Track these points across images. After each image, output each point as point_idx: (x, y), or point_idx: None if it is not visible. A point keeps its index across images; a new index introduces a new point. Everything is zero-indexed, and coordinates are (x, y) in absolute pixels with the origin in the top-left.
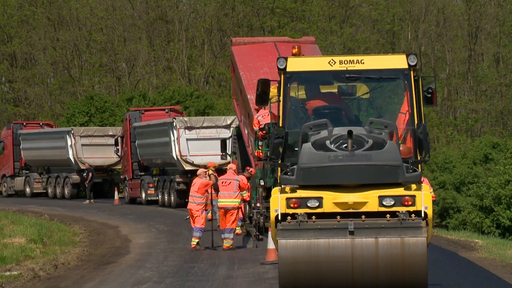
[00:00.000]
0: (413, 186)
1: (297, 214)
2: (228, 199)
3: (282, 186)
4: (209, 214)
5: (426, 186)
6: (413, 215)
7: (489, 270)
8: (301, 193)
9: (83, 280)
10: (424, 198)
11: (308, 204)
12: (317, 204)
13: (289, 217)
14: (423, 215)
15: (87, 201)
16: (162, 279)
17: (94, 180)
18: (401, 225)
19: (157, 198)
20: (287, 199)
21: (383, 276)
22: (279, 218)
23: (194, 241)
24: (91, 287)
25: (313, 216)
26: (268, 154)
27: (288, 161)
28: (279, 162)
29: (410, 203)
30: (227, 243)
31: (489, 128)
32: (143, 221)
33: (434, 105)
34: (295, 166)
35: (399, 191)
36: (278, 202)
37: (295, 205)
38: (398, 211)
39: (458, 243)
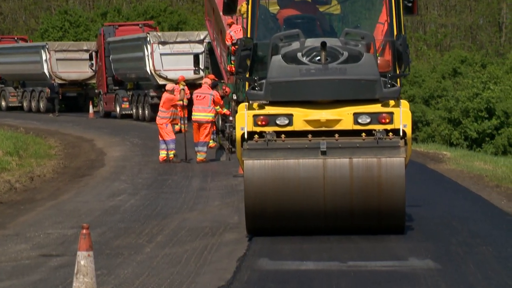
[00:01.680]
0: (391, 102)
1: (265, 132)
2: (202, 113)
3: (250, 102)
4: (182, 128)
5: (405, 102)
6: (390, 133)
7: (456, 181)
8: (270, 110)
9: (59, 192)
10: (403, 115)
11: (277, 122)
12: (286, 121)
13: (256, 135)
14: (401, 133)
15: (51, 114)
16: (136, 191)
17: (53, 95)
18: (377, 145)
19: (131, 112)
20: (254, 116)
21: (358, 199)
22: (246, 136)
23: (171, 154)
24: (66, 199)
25: (283, 135)
26: (235, 68)
27: (256, 75)
28: (247, 76)
29: (387, 120)
30: (200, 156)
31: (458, 43)
32: (118, 134)
33: (415, 15)
34: (263, 81)
35: (376, 107)
36: (244, 120)
37: (263, 123)
38: (375, 130)
39: (427, 155)
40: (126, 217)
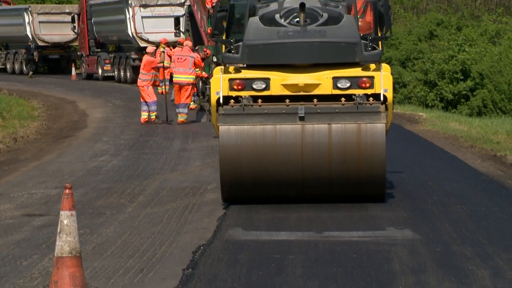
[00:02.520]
0: (372, 66)
1: (241, 97)
2: (183, 75)
3: (226, 65)
4: (164, 90)
5: (386, 65)
6: (371, 98)
7: (432, 142)
8: (246, 74)
9: (42, 152)
10: (383, 80)
11: (254, 86)
12: (263, 86)
13: (232, 100)
14: (382, 98)
15: (28, 74)
16: (118, 152)
17: (29, 57)
18: (357, 110)
19: (113, 74)
20: (230, 80)
21: (337, 166)
22: (221, 101)
23: (153, 115)
24: (50, 159)
25: (259, 100)
26: (211, 29)
27: (233, 38)
28: (223, 38)
29: (368, 85)
30: (181, 118)
31: (434, 6)
32: (100, 96)
33: None
34: (240, 43)
35: (356, 71)
36: (219, 84)
37: (239, 87)
38: (355, 94)
39: (403, 116)
40: (108, 178)
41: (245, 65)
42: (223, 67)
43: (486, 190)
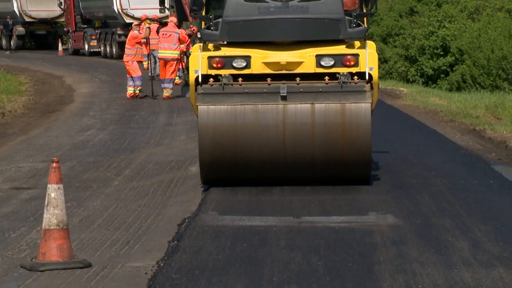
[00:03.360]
0: (357, 43)
1: (220, 75)
2: (168, 50)
3: (205, 42)
4: (146, 65)
5: (371, 43)
6: (355, 77)
7: (413, 116)
8: (226, 51)
9: (30, 127)
10: (369, 58)
11: (234, 64)
12: (244, 64)
13: (211, 79)
14: (367, 77)
15: (7, 51)
16: (105, 126)
17: (7, 33)
18: (341, 89)
19: (100, 49)
20: (209, 58)
21: (320, 147)
22: (200, 80)
23: (137, 90)
24: (37, 133)
25: (240, 78)
26: (189, 5)
27: (212, 14)
28: (202, 14)
29: (352, 63)
30: (166, 93)
31: None
32: (86, 71)
33: None
34: (219, 20)
35: (340, 49)
36: (198, 62)
37: (219, 65)
38: (339, 73)
39: (384, 91)
40: (95, 152)
41: (225, 43)
42: (202, 44)
43: (465, 163)
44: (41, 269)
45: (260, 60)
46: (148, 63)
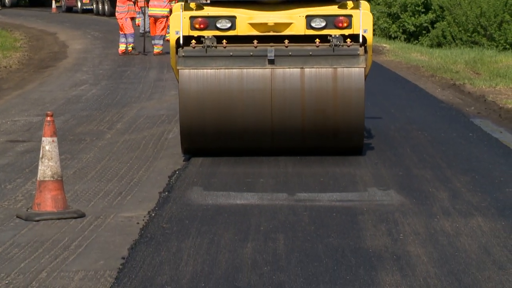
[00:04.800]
0: (350, 3)
1: (203, 37)
2: (158, 8)
3: (187, 1)
4: (138, 21)
5: (365, 3)
6: (348, 40)
7: (395, 72)
8: (209, 11)
9: (24, 82)
10: (363, 19)
11: (218, 25)
12: (229, 25)
13: (193, 40)
14: (361, 40)
15: None
16: (97, 81)
17: None
18: (333, 53)
19: (92, 7)
20: (191, 18)
21: (310, 115)
22: (181, 42)
23: (130, 47)
24: (32, 88)
25: (224, 40)
26: None
27: None
28: None
29: (345, 24)
30: (157, 49)
31: None
32: (79, 28)
33: None
34: None
35: (332, 9)
36: (179, 22)
37: (201, 26)
38: (330, 35)
39: None
40: (88, 106)
41: (208, 1)
42: (183, 3)
43: (446, 117)
44: (36, 219)
45: (246, 20)
46: (140, 20)
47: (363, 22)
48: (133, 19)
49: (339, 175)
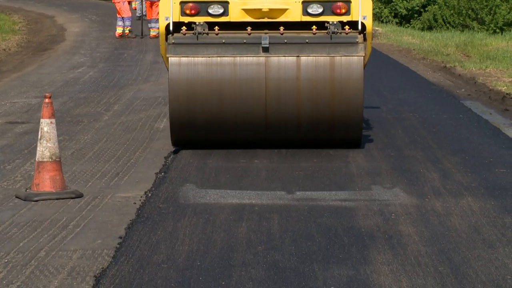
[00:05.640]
0: None
1: (194, 23)
2: None
3: None
4: (134, 5)
5: None
6: (347, 27)
7: (387, 54)
8: None
9: (23, 64)
10: (362, 5)
11: (210, 11)
12: (221, 10)
13: (184, 27)
14: (360, 27)
15: None
16: (95, 64)
17: None
18: (331, 40)
19: None
20: (182, 3)
21: (306, 106)
22: (171, 28)
23: (127, 30)
24: (30, 71)
25: (216, 27)
26: None
27: None
28: None
29: (343, 11)
30: (153, 32)
31: None
32: (77, 11)
33: None
34: None
35: None
36: (169, 7)
37: (192, 12)
38: (328, 22)
39: None
40: (86, 88)
41: None
42: None
43: (437, 99)
44: (35, 199)
45: (239, 6)
46: (136, 4)
47: (362, 8)
48: (130, 2)
49: (332, 156)
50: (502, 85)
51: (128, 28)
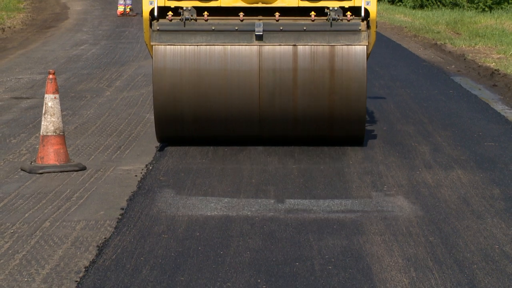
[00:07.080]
0: None
1: (181, 8)
2: None
3: None
4: None
5: None
6: (349, 13)
7: (379, 32)
8: None
9: (28, 41)
10: None
11: None
12: None
13: (170, 12)
14: (363, 13)
15: None
16: (97, 41)
17: None
18: (331, 28)
19: None
20: None
21: (303, 100)
22: (156, 13)
23: (128, 8)
24: (35, 48)
25: (205, 12)
26: None
27: None
28: None
29: None
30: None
31: None
32: None
33: None
34: None
35: None
36: None
37: None
38: (328, 7)
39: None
40: (88, 64)
41: None
42: None
43: (428, 75)
44: (39, 172)
45: None
46: None
47: None
48: None
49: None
50: (491, 62)
51: (129, 7)
